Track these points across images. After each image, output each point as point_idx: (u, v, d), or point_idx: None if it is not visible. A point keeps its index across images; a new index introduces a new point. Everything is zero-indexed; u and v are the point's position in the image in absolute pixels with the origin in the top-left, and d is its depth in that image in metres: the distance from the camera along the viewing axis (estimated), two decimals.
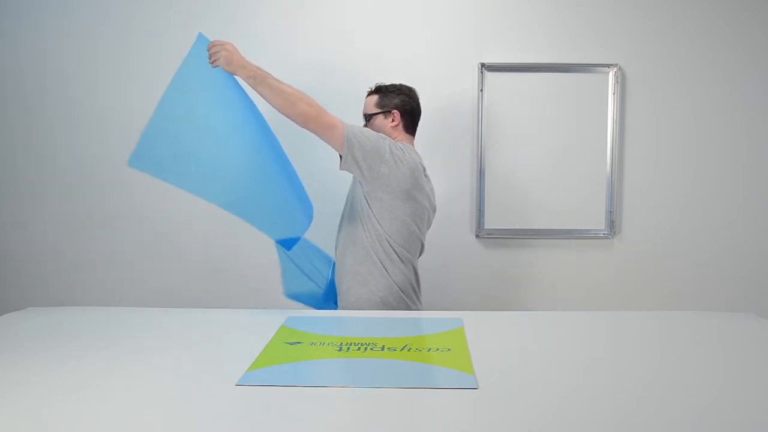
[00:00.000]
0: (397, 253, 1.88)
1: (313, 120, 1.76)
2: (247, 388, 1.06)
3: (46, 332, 1.44)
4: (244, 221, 1.76)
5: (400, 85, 2.03)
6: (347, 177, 1.94)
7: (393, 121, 1.98)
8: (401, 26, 2.52)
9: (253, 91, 1.77)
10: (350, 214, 1.93)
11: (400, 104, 1.99)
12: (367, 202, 1.86)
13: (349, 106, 2.24)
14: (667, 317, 1.68)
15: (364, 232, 1.87)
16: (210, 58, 1.73)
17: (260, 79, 1.75)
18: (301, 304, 1.98)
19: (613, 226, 2.55)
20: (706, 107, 2.54)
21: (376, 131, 1.97)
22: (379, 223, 1.85)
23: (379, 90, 2.02)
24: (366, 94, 2.05)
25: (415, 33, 2.52)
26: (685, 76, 2.53)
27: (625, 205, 2.57)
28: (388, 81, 2.04)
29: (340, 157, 1.82)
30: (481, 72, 2.51)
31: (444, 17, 2.52)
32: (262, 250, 2.50)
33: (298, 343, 1.33)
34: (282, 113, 1.77)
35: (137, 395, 1.04)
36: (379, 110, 1.99)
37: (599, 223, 2.56)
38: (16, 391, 1.05)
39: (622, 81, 2.52)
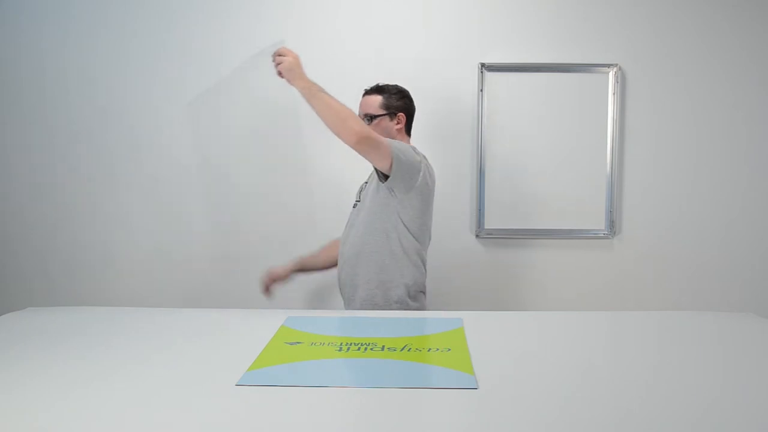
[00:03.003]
0: (419, 256, 1.90)
1: (365, 140, 1.70)
2: (247, 388, 1.06)
3: (46, 332, 1.44)
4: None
5: (400, 87, 2.03)
6: (351, 175, 1.93)
7: (398, 123, 1.99)
8: (401, 26, 2.52)
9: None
10: (370, 219, 1.88)
11: (404, 107, 2.00)
12: (399, 209, 1.84)
13: (350, 107, 2.24)
14: (667, 317, 1.68)
15: (390, 237, 1.85)
16: (274, 61, 1.74)
17: (315, 93, 1.72)
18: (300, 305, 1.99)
19: (613, 226, 2.55)
20: (706, 107, 2.54)
21: (382, 133, 1.98)
22: (408, 229, 1.86)
23: (382, 90, 1.99)
24: (363, 92, 2.02)
25: (415, 33, 2.52)
26: (685, 76, 2.53)
27: (625, 205, 2.56)
28: (388, 81, 2.03)
29: (377, 171, 1.81)
30: (481, 72, 2.51)
31: (444, 17, 2.52)
32: (263, 250, 2.52)
33: (298, 343, 1.32)
34: (333, 131, 1.72)
35: (137, 395, 1.04)
36: (384, 112, 1.98)
37: (599, 223, 2.56)
38: (16, 391, 1.05)
39: (622, 81, 2.51)
